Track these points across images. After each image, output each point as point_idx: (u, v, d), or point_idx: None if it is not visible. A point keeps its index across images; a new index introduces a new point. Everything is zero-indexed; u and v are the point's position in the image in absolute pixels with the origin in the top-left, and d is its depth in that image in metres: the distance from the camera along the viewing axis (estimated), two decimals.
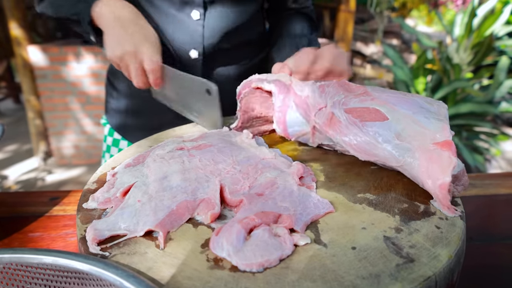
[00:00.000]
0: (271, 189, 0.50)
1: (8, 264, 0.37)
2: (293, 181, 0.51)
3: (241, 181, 0.52)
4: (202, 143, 0.61)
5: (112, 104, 1.09)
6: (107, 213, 0.49)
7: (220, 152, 0.58)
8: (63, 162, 4.04)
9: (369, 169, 0.59)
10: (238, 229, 0.41)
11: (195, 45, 0.92)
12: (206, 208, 0.47)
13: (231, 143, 0.62)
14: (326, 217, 0.47)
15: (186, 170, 0.53)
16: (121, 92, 1.05)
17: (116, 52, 0.75)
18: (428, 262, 0.39)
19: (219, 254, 0.40)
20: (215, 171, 0.53)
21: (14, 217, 0.71)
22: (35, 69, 3.69)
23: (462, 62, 3.58)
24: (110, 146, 1.11)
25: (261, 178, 0.53)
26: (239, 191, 0.50)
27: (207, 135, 0.66)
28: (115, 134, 1.10)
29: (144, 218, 0.45)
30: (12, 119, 5.29)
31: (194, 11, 0.89)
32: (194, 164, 0.54)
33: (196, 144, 0.60)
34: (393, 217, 0.47)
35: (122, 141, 1.09)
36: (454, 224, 0.45)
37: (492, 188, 0.84)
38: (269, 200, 0.47)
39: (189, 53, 0.92)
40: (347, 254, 0.40)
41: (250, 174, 0.53)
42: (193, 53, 0.92)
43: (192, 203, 0.48)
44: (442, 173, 0.46)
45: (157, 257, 0.41)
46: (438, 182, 0.47)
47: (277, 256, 0.39)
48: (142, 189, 0.50)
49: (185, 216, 0.47)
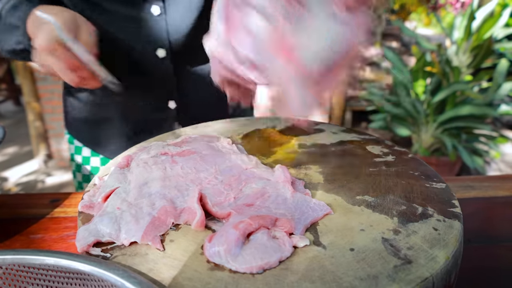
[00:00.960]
0: (263, 199, 0.50)
1: (11, 265, 0.38)
2: (285, 188, 0.51)
3: (224, 193, 0.51)
4: (186, 149, 0.60)
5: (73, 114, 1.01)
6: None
7: (202, 160, 0.57)
8: (63, 164, 4.04)
9: (368, 171, 0.59)
10: (235, 236, 0.41)
11: (160, 43, 0.86)
12: (189, 216, 0.46)
13: (214, 149, 0.62)
14: (325, 219, 0.48)
15: (167, 177, 0.52)
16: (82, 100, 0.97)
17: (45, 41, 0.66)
18: (426, 264, 0.39)
19: (217, 262, 0.40)
20: (196, 180, 0.53)
21: (15, 219, 0.71)
22: (35, 71, 3.70)
23: (461, 64, 3.58)
24: (80, 165, 1.04)
25: (246, 189, 0.52)
26: (223, 203, 0.49)
27: (191, 140, 0.65)
28: (84, 150, 1.02)
29: (126, 226, 0.44)
30: (12, 121, 5.30)
31: (153, 6, 0.83)
32: (175, 172, 0.54)
33: (179, 150, 0.59)
34: (391, 219, 0.47)
35: (92, 157, 1.02)
36: (452, 226, 0.45)
37: (491, 190, 0.84)
38: (263, 209, 0.47)
39: (156, 52, 0.86)
40: (345, 255, 0.41)
41: (233, 186, 0.53)
42: (161, 52, 0.86)
43: (172, 209, 0.47)
44: None
45: (157, 258, 0.41)
46: None
47: (276, 258, 0.40)
48: (122, 196, 0.49)
49: (168, 221, 0.46)
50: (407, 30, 3.79)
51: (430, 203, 0.50)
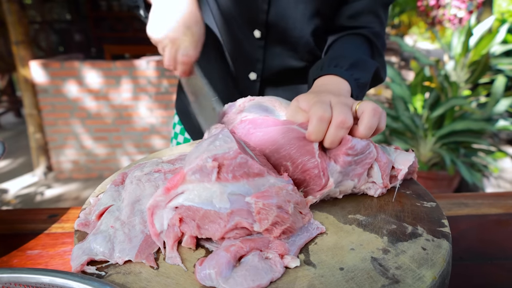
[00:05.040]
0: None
1: (7, 284, 0.39)
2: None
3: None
4: (178, 166, 0.61)
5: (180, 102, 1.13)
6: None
7: None
8: (63, 176, 4.05)
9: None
10: (226, 259, 0.41)
11: (255, 67, 0.92)
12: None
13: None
14: (317, 237, 0.49)
15: None
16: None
17: (157, 33, 0.73)
18: (413, 283, 0.40)
19: (209, 285, 0.40)
20: None
21: (13, 235, 0.72)
22: (36, 84, 3.73)
23: (459, 80, 3.61)
24: (177, 134, 1.16)
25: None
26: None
27: (185, 157, 0.65)
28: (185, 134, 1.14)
29: (119, 245, 0.45)
30: (12, 133, 5.31)
31: (256, 30, 0.89)
32: None
33: (172, 168, 0.60)
34: (381, 238, 0.48)
35: (180, 135, 1.15)
36: (440, 246, 0.46)
37: (484, 207, 0.85)
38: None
39: (249, 75, 0.93)
40: (335, 274, 0.42)
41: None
42: (252, 75, 0.93)
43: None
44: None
45: (151, 277, 0.42)
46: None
47: (268, 280, 0.40)
48: (115, 214, 0.50)
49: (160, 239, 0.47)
50: (405, 45, 3.82)
51: (420, 222, 0.51)
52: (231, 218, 0.45)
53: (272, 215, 0.46)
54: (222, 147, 0.48)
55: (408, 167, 0.58)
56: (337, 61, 0.77)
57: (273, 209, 0.46)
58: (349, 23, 0.90)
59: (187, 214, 0.46)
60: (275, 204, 0.47)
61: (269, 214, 0.46)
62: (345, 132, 0.54)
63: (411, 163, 0.58)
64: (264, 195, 0.47)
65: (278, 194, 0.48)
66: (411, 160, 0.58)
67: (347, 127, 0.54)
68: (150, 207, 0.46)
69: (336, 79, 0.74)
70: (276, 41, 0.91)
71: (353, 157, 0.54)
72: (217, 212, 0.45)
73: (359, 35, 0.89)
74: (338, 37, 0.91)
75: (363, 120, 0.55)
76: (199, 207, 0.45)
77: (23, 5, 3.99)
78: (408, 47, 3.85)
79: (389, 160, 0.58)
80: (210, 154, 0.46)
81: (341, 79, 0.74)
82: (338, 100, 0.57)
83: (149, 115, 3.91)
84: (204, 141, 0.51)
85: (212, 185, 0.46)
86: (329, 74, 0.75)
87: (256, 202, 0.46)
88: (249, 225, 0.46)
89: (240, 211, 0.46)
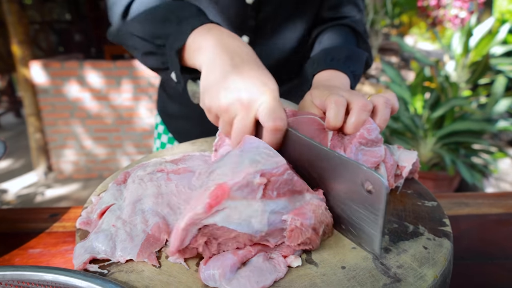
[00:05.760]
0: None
1: (10, 281, 0.39)
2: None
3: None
4: (181, 166, 0.59)
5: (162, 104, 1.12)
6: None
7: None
8: (63, 176, 4.05)
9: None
10: (232, 261, 0.41)
11: None
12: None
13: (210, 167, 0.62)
14: None
15: (160, 194, 0.52)
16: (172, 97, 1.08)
17: (220, 100, 0.53)
18: (414, 282, 0.40)
19: (212, 285, 0.40)
20: (188, 199, 0.52)
21: (15, 233, 0.72)
22: (36, 84, 3.73)
23: (459, 80, 3.62)
24: (161, 134, 1.15)
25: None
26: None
27: (188, 157, 0.65)
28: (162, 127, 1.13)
29: (121, 244, 0.45)
30: (12, 133, 5.32)
31: (244, 36, 0.89)
32: (170, 189, 0.53)
33: (175, 168, 0.58)
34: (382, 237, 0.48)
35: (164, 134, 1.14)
36: (441, 245, 0.46)
37: (485, 207, 0.85)
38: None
39: None
40: (336, 273, 0.42)
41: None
42: None
43: (165, 226, 0.47)
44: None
45: (153, 275, 0.42)
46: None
47: (272, 280, 0.40)
48: (116, 213, 0.50)
49: (162, 238, 0.47)
50: (405, 46, 3.83)
51: (421, 222, 0.52)
52: (261, 239, 0.43)
53: (304, 237, 0.44)
54: (268, 162, 0.43)
55: (411, 164, 0.58)
56: (332, 55, 0.78)
57: (308, 231, 0.44)
58: (330, 15, 0.93)
59: (212, 234, 0.42)
60: (311, 226, 0.44)
61: (302, 235, 0.44)
62: (367, 116, 0.53)
63: (414, 160, 0.59)
64: (301, 212, 0.44)
65: (315, 214, 0.45)
66: (414, 158, 0.59)
67: (368, 110, 0.53)
68: (187, 225, 0.40)
69: (336, 73, 0.76)
70: (264, 44, 0.92)
71: (365, 145, 0.54)
72: (251, 234, 0.42)
73: (342, 26, 0.91)
74: (322, 29, 0.93)
75: (378, 113, 0.55)
76: (233, 228, 0.41)
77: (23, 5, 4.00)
78: (408, 48, 3.85)
79: (395, 161, 0.58)
80: (257, 169, 0.42)
81: (340, 73, 0.76)
82: (350, 92, 0.58)
83: (149, 116, 3.91)
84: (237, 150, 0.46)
85: (255, 202, 0.42)
86: (328, 68, 0.77)
87: (293, 220, 0.43)
88: (273, 244, 0.44)
89: (274, 231, 0.43)
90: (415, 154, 0.60)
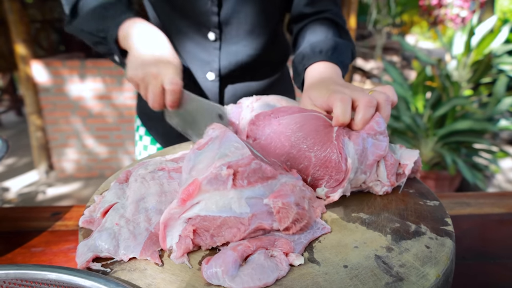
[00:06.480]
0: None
1: (13, 280, 0.39)
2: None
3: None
4: (182, 165, 0.60)
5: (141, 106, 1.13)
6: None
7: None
8: (64, 175, 4.05)
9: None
10: (233, 258, 0.42)
11: (211, 67, 0.93)
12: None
13: None
14: (321, 235, 0.49)
15: (163, 192, 0.53)
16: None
17: (138, 73, 0.73)
18: (417, 281, 0.40)
19: (215, 283, 0.40)
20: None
21: (17, 232, 0.72)
22: (37, 83, 3.73)
23: (461, 79, 3.61)
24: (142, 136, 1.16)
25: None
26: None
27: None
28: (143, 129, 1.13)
29: (124, 242, 0.45)
30: (14, 132, 5.32)
31: (210, 32, 0.91)
32: (172, 187, 0.54)
33: (176, 166, 0.60)
34: (384, 236, 0.48)
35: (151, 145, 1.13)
36: (444, 244, 0.46)
37: (487, 207, 0.85)
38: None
39: (206, 75, 0.94)
40: (339, 272, 0.42)
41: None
42: (210, 76, 0.94)
43: None
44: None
45: (156, 274, 0.42)
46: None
47: (274, 278, 0.40)
48: (120, 212, 0.50)
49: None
50: (406, 45, 3.82)
51: (423, 221, 0.52)
52: (252, 221, 0.46)
53: (292, 213, 0.47)
54: (235, 154, 0.47)
55: (413, 162, 0.59)
56: (320, 47, 0.81)
57: (293, 207, 0.47)
58: (308, 10, 0.94)
59: (201, 225, 0.45)
60: (294, 202, 0.48)
61: (289, 213, 0.47)
62: (373, 111, 0.56)
63: (416, 158, 0.59)
64: (280, 194, 0.47)
65: (294, 192, 0.48)
66: (416, 156, 0.59)
67: (374, 106, 0.56)
68: (164, 220, 0.45)
69: (327, 64, 0.78)
70: (231, 39, 0.93)
71: (372, 136, 0.55)
72: (238, 217, 0.45)
73: (323, 20, 0.92)
74: (303, 25, 0.95)
75: (381, 110, 0.58)
76: (217, 215, 0.45)
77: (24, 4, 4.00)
78: (409, 47, 3.85)
79: (396, 160, 0.58)
80: (224, 162, 0.46)
81: (331, 64, 0.78)
82: (352, 88, 0.60)
83: None
84: (208, 146, 0.51)
85: (228, 192, 0.46)
86: (319, 61, 0.78)
87: (275, 202, 0.47)
88: (269, 225, 0.47)
89: (261, 213, 0.46)
90: (417, 153, 0.60)
